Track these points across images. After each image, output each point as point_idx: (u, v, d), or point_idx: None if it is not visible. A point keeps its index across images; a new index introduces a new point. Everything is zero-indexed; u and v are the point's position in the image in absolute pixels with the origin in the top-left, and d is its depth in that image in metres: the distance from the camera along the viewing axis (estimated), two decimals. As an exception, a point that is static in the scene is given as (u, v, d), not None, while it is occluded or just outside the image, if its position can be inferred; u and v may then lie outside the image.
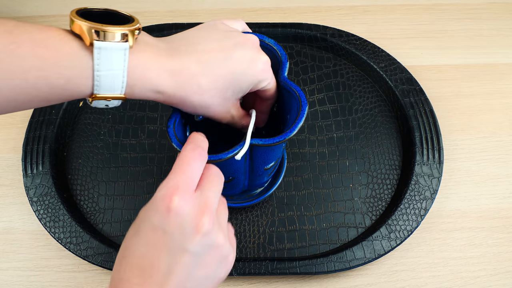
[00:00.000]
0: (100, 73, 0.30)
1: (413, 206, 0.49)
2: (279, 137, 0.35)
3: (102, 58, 0.29)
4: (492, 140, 0.57)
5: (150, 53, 0.32)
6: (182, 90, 0.33)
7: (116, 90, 0.31)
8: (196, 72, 0.33)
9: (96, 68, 0.29)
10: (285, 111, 0.40)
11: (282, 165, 0.49)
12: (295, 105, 0.37)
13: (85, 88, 0.30)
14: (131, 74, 0.31)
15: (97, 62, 0.29)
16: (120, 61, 0.30)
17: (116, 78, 0.30)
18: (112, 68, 0.30)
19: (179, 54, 0.33)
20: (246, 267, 0.46)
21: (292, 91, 0.37)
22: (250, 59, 0.35)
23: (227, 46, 0.34)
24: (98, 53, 0.29)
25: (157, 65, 0.32)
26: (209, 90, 0.34)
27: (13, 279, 0.48)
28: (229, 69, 0.34)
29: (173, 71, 0.32)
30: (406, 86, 0.57)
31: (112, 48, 0.29)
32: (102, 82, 0.30)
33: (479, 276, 0.48)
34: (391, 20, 0.67)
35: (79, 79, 0.29)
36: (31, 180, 0.51)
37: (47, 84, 0.29)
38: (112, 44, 0.29)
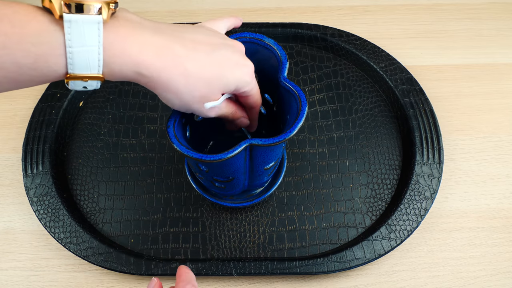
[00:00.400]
0: (72, 49, 0.27)
1: (413, 206, 0.49)
2: (279, 137, 0.35)
3: (73, 33, 0.27)
4: (492, 140, 0.57)
5: (132, 29, 0.30)
6: (168, 70, 0.31)
7: (92, 68, 0.29)
8: (182, 54, 0.31)
9: (68, 43, 0.27)
10: (285, 111, 0.40)
11: (282, 165, 0.49)
12: (295, 105, 0.37)
13: (58, 68, 0.28)
14: (108, 50, 0.29)
15: (68, 37, 0.27)
16: (94, 35, 0.28)
17: (91, 55, 0.28)
18: (85, 43, 0.27)
19: (165, 34, 0.31)
20: (246, 267, 0.46)
21: (292, 91, 0.37)
22: (236, 61, 0.35)
23: (214, 42, 0.34)
24: (68, 27, 0.27)
25: (139, 40, 0.30)
26: (194, 74, 0.32)
27: (13, 279, 0.48)
28: (216, 62, 0.33)
29: (157, 49, 0.30)
30: (406, 86, 0.57)
31: (84, 21, 0.27)
32: (76, 59, 0.28)
33: (479, 276, 0.48)
34: (391, 20, 0.67)
35: (49, 57, 0.27)
36: (31, 180, 0.51)
37: (14, 63, 0.27)
38: (84, 16, 0.27)
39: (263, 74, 0.42)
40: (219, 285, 0.48)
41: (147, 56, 0.30)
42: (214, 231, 0.50)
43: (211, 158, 0.34)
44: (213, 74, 0.33)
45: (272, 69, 0.40)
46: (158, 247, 0.49)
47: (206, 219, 0.51)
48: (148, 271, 0.46)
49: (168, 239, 0.49)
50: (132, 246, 0.49)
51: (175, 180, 0.53)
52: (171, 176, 0.53)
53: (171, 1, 0.69)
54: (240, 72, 0.35)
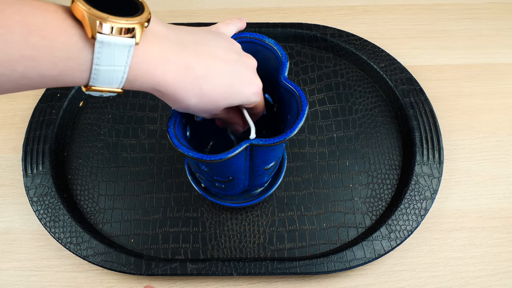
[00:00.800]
0: (99, 67, 0.27)
1: (413, 206, 0.50)
2: (279, 137, 0.35)
3: (103, 53, 0.27)
4: (492, 140, 0.57)
5: (158, 46, 0.30)
6: (184, 91, 0.32)
7: (114, 84, 0.29)
8: (201, 75, 0.32)
9: (96, 62, 0.27)
10: (285, 111, 0.40)
11: (282, 165, 0.49)
12: (295, 105, 0.37)
13: (80, 80, 0.28)
14: (133, 71, 0.29)
15: (97, 56, 0.27)
16: (123, 58, 0.27)
17: (116, 74, 0.28)
18: (113, 63, 0.27)
19: (188, 50, 0.32)
20: (246, 267, 0.46)
21: (292, 91, 0.37)
22: (248, 80, 0.35)
23: (232, 59, 0.34)
24: (99, 47, 0.26)
25: (163, 60, 0.30)
26: (207, 96, 0.33)
27: (13, 279, 0.48)
28: (230, 83, 0.34)
29: (179, 69, 0.31)
30: (406, 86, 0.57)
31: (116, 44, 0.27)
32: (100, 76, 0.28)
33: (479, 276, 0.48)
34: (391, 20, 0.67)
35: (75, 71, 0.27)
36: (31, 180, 0.51)
37: (39, 75, 0.26)
38: (116, 39, 0.26)
39: (263, 74, 0.42)
40: (219, 285, 0.48)
41: (169, 77, 0.30)
42: (214, 231, 0.50)
43: (211, 158, 0.34)
44: (222, 95, 0.34)
45: (272, 69, 0.40)
46: (158, 247, 0.49)
47: (206, 219, 0.51)
48: (148, 271, 0.46)
49: (168, 239, 0.49)
50: (132, 246, 0.49)
51: (175, 180, 0.53)
52: (171, 176, 0.53)
53: (171, 1, 0.69)
54: (248, 91, 0.36)
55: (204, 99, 0.33)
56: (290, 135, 0.35)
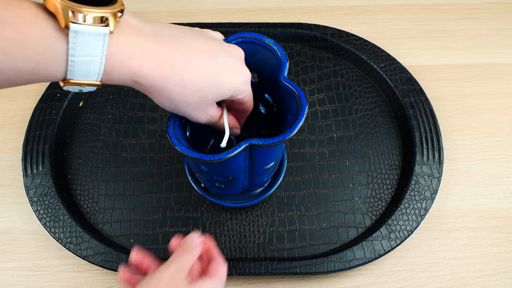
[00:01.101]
0: (75, 58, 0.27)
1: (413, 206, 0.49)
2: (279, 137, 0.35)
3: (78, 43, 0.26)
4: (492, 140, 0.57)
5: (133, 37, 0.29)
6: (163, 80, 0.31)
7: (92, 76, 0.28)
8: (180, 64, 0.31)
9: (71, 53, 0.27)
10: (285, 111, 0.40)
11: (282, 165, 0.49)
12: (295, 105, 0.37)
13: (58, 73, 0.28)
14: (109, 61, 0.28)
15: (72, 47, 0.26)
16: (98, 47, 0.27)
17: (92, 65, 0.28)
18: (89, 54, 0.27)
19: (165, 42, 0.31)
20: (246, 267, 0.46)
21: (292, 91, 0.37)
22: (235, 68, 0.34)
23: (213, 49, 0.34)
24: (74, 37, 0.26)
25: (139, 51, 0.29)
26: (190, 85, 0.32)
27: (13, 279, 0.48)
28: (213, 71, 0.33)
29: (157, 59, 0.30)
30: (406, 86, 0.57)
31: (90, 33, 0.26)
32: (77, 67, 0.27)
33: (479, 276, 0.48)
34: (391, 20, 0.67)
35: (50, 64, 0.27)
36: (31, 180, 0.51)
37: (13, 68, 0.26)
38: (90, 28, 0.26)
39: (263, 74, 0.42)
40: None
41: (147, 67, 0.30)
42: (214, 231, 0.50)
43: (211, 158, 0.34)
44: (208, 83, 0.33)
45: (272, 69, 0.40)
46: (158, 247, 0.49)
47: (206, 219, 0.51)
48: (148, 271, 0.46)
49: (168, 239, 0.49)
50: (132, 246, 0.49)
51: (175, 180, 0.53)
52: (171, 176, 0.53)
53: (171, 1, 0.69)
54: (236, 80, 0.35)
55: (188, 89, 0.32)
56: (289, 135, 0.35)
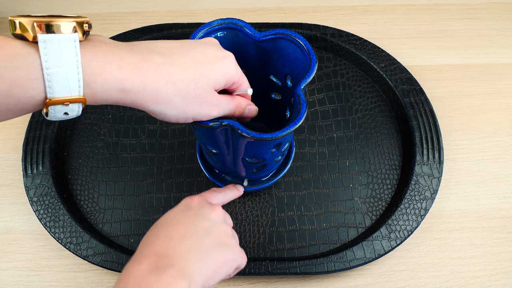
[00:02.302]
0: (50, 71, 0.26)
1: (413, 206, 0.49)
2: (254, 133, 0.35)
3: (50, 53, 0.26)
4: (492, 140, 0.57)
5: (107, 47, 0.29)
6: (152, 80, 0.30)
7: (73, 90, 0.27)
8: (161, 61, 0.30)
9: (45, 65, 0.26)
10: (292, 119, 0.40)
11: (290, 153, 0.49)
12: (296, 111, 0.37)
13: (36, 93, 0.26)
14: (87, 69, 0.27)
15: (44, 59, 0.26)
16: (71, 54, 0.26)
17: (70, 75, 0.26)
18: (63, 63, 0.26)
19: (139, 48, 0.31)
20: (246, 267, 0.46)
21: (299, 103, 0.37)
22: (215, 54, 0.34)
23: (187, 43, 0.33)
24: (44, 47, 0.26)
25: (117, 58, 0.28)
26: (180, 78, 0.31)
27: (13, 279, 0.48)
28: (196, 60, 0.32)
29: (136, 62, 0.29)
30: (406, 86, 0.57)
31: (59, 40, 0.26)
32: (55, 81, 0.26)
33: (479, 276, 0.48)
34: (391, 20, 0.67)
35: (26, 81, 0.26)
36: (31, 180, 0.51)
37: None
38: (59, 35, 0.26)
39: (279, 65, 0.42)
40: (219, 285, 0.48)
41: (128, 71, 0.29)
42: (214, 231, 0.50)
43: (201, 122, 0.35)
44: (198, 73, 0.32)
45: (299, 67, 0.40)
46: (158, 247, 0.49)
47: (206, 219, 0.50)
48: (148, 271, 0.46)
49: (168, 239, 0.49)
50: (132, 246, 0.49)
51: (175, 180, 0.53)
52: (171, 176, 0.53)
53: (171, 1, 0.69)
54: (224, 64, 0.34)
55: (180, 84, 0.31)
56: (265, 137, 0.35)
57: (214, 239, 0.36)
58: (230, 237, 0.37)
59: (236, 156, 0.40)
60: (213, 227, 0.37)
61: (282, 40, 0.39)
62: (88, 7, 0.68)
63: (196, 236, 0.35)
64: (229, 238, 0.37)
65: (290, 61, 0.40)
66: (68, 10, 0.68)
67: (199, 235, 0.35)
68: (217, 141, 0.39)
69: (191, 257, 0.33)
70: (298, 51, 0.39)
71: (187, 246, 0.33)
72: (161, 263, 0.31)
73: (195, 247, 0.34)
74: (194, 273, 0.32)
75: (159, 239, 0.34)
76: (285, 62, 0.41)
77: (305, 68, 0.38)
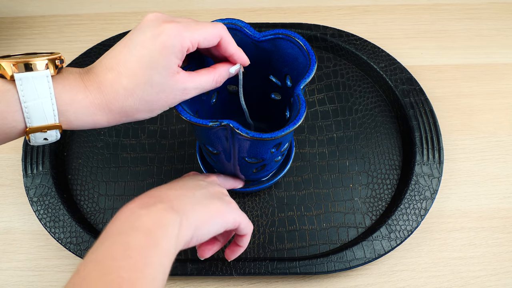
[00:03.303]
0: (27, 104, 0.30)
1: (413, 206, 0.49)
2: (252, 133, 0.35)
3: (26, 89, 0.30)
4: (492, 140, 0.57)
5: (74, 78, 0.32)
6: (114, 100, 0.33)
7: (49, 118, 0.31)
8: (112, 77, 0.33)
9: (22, 99, 0.30)
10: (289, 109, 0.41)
11: (290, 153, 0.49)
12: (296, 111, 0.37)
13: (16, 123, 0.31)
14: (59, 100, 0.31)
15: (22, 94, 0.30)
16: (45, 88, 0.30)
17: (45, 106, 0.30)
18: (38, 96, 0.30)
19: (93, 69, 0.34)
20: (246, 267, 0.46)
21: (298, 103, 0.37)
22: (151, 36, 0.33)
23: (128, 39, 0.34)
24: (20, 84, 0.30)
25: (82, 87, 0.32)
26: (135, 86, 0.33)
27: (13, 279, 0.48)
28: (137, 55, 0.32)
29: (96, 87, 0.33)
30: (406, 86, 0.57)
31: (33, 77, 0.30)
32: (32, 112, 0.30)
33: (479, 276, 0.48)
34: (391, 20, 0.67)
35: (7, 114, 0.30)
36: (31, 180, 0.51)
37: None
38: (33, 73, 0.30)
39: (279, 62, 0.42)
40: (219, 285, 0.48)
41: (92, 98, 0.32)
42: (214, 231, 0.50)
43: (189, 118, 0.35)
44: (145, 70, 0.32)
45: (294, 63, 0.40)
46: (158, 247, 0.49)
47: (206, 219, 0.50)
48: (148, 271, 0.46)
49: (168, 239, 0.49)
50: (132, 246, 0.49)
51: (175, 180, 0.53)
52: (171, 176, 0.53)
53: (171, 1, 0.69)
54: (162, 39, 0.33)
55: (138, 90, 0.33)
56: (264, 137, 0.35)
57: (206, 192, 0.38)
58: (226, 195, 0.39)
59: (235, 156, 0.40)
60: (207, 185, 0.39)
61: (282, 40, 0.39)
62: (88, 7, 0.69)
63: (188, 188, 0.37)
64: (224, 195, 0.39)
65: (290, 61, 0.40)
66: (68, 10, 0.68)
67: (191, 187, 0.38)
68: (216, 141, 0.39)
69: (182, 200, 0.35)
70: (298, 51, 0.39)
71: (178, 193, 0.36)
72: (151, 201, 0.33)
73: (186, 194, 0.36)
74: (186, 211, 0.34)
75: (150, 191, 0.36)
76: (284, 62, 0.41)
77: (305, 68, 0.38)
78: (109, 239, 0.30)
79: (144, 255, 0.29)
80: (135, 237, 0.30)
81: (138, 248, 0.29)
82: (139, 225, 0.30)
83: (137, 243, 0.29)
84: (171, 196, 0.35)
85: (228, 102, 0.47)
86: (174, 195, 0.35)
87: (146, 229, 0.30)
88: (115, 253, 0.29)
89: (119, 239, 0.30)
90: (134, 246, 0.29)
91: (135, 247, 0.29)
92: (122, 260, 0.28)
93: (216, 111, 0.46)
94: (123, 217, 0.32)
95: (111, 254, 0.29)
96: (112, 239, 0.30)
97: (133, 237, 0.30)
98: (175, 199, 0.34)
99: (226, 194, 0.40)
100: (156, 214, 0.31)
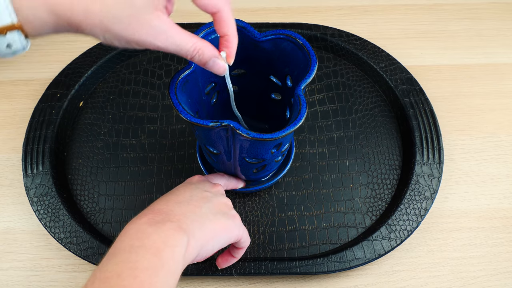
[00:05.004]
0: None
1: (413, 206, 0.49)
2: (253, 133, 0.35)
3: None
4: (492, 140, 0.57)
5: None
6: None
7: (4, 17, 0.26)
8: None
9: None
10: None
11: (290, 153, 0.49)
12: (296, 112, 0.37)
13: None
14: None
15: None
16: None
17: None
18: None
19: None
20: (246, 267, 0.46)
21: (299, 103, 0.37)
22: None
23: None
24: None
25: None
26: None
27: (13, 279, 0.48)
28: None
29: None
30: (406, 86, 0.57)
31: None
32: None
33: (479, 276, 0.48)
34: (391, 20, 0.67)
35: None
36: (31, 180, 0.51)
37: None
38: None
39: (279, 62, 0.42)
40: (219, 285, 0.48)
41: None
42: (214, 231, 0.50)
43: (189, 118, 0.35)
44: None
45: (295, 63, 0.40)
46: (158, 247, 0.49)
47: (206, 219, 0.50)
48: (148, 271, 0.46)
49: (168, 239, 0.49)
50: (132, 246, 0.49)
51: (175, 180, 0.53)
52: (171, 176, 0.53)
53: (171, 1, 0.69)
54: None
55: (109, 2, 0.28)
56: (264, 137, 0.35)
57: (213, 207, 0.38)
58: (230, 208, 0.39)
59: (236, 156, 0.40)
60: (212, 197, 0.39)
61: (282, 40, 0.39)
62: (88, 7, 0.68)
63: (195, 202, 0.37)
64: (229, 209, 0.39)
65: (290, 61, 0.40)
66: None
67: (197, 201, 0.37)
68: (217, 141, 0.39)
69: (189, 217, 0.35)
70: (298, 52, 0.39)
71: (185, 209, 0.36)
72: (159, 217, 0.33)
73: (193, 210, 0.36)
74: (194, 230, 0.34)
75: (158, 204, 0.36)
76: (285, 62, 0.41)
77: (305, 68, 0.38)
78: (118, 257, 0.30)
79: (151, 276, 0.29)
80: (143, 257, 0.30)
81: (145, 269, 0.29)
82: (148, 243, 0.31)
83: (145, 264, 0.30)
84: (179, 214, 0.35)
85: (228, 103, 0.47)
86: (182, 213, 0.35)
87: (155, 248, 0.31)
88: (122, 272, 0.29)
89: (127, 257, 0.30)
90: (141, 267, 0.29)
91: (142, 268, 0.29)
92: (129, 279, 0.29)
93: (216, 111, 0.46)
94: (132, 232, 0.32)
95: (118, 272, 0.29)
96: (120, 256, 0.30)
97: (141, 256, 0.30)
98: (183, 216, 0.35)
99: (231, 206, 0.40)
100: (165, 234, 0.32)
